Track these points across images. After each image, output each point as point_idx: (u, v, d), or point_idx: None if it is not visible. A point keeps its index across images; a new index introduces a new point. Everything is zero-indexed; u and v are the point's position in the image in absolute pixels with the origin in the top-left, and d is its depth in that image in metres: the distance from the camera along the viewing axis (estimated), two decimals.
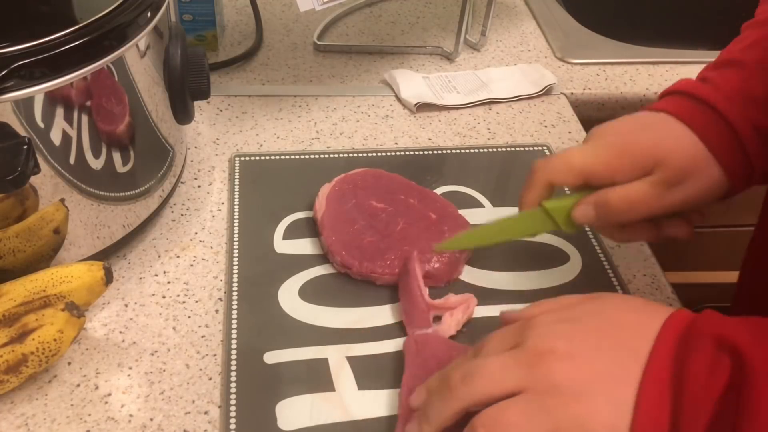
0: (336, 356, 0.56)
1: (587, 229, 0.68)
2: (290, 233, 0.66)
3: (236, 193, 0.69)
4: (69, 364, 0.55)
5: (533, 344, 0.42)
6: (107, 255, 0.62)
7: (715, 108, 0.52)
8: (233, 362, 0.55)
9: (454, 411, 0.43)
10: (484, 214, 0.69)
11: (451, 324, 0.57)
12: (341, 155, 0.75)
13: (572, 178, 0.53)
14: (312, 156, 0.75)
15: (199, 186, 0.71)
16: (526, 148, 0.78)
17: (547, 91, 0.87)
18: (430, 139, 0.79)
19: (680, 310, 0.42)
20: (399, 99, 0.84)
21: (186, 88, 0.63)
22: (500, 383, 0.41)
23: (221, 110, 0.81)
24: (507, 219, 0.56)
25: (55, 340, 0.51)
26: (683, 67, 0.93)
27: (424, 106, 0.83)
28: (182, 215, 0.68)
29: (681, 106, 0.53)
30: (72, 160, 0.55)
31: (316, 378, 0.54)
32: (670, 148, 0.51)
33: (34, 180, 0.52)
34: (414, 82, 0.86)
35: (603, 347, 0.41)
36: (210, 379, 0.55)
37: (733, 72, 0.54)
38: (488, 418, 0.41)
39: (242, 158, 0.73)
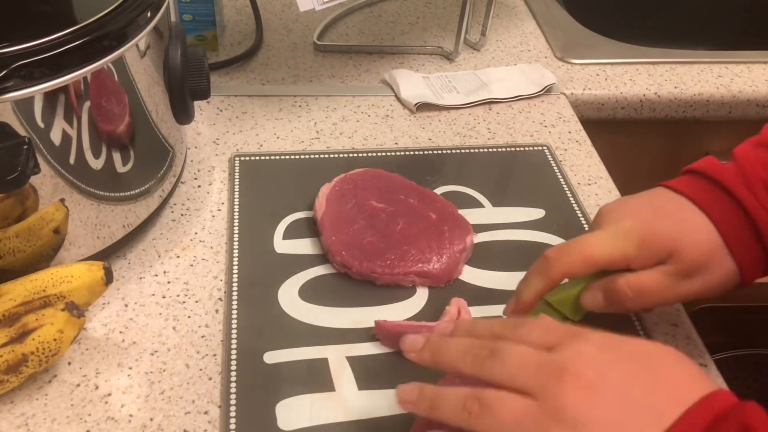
0: (336, 356, 0.56)
1: (587, 229, 0.68)
2: (290, 233, 0.66)
3: (236, 193, 0.69)
4: (69, 364, 0.55)
5: (565, 358, 0.40)
6: (107, 255, 0.62)
7: (735, 196, 0.50)
8: (233, 362, 0.55)
9: (464, 374, 0.43)
10: (484, 214, 0.69)
11: None
12: (341, 155, 0.75)
13: (590, 271, 0.51)
14: (312, 156, 0.75)
15: (199, 186, 0.71)
16: (526, 148, 0.78)
17: (547, 91, 0.87)
18: (430, 139, 0.79)
19: (725, 392, 0.39)
20: (399, 99, 0.84)
21: (186, 88, 0.63)
22: (513, 380, 0.40)
23: (221, 110, 0.81)
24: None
25: (55, 340, 0.51)
26: (683, 67, 0.93)
27: (424, 106, 0.83)
28: (182, 215, 0.68)
29: (701, 191, 0.52)
30: (72, 160, 0.55)
31: (317, 378, 0.54)
32: (686, 240, 0.50)
33: (34, 180, 0.52)
34: (414, 82, 0.86)
35: (630, 395, 0.39)
36: (210, 379, 0.55)
37: (764, 155, 0.52)
38: (487, 400, 0.40)
39: (242, 158, 0.73)
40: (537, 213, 0.70)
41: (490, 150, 0.77)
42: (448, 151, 0.77)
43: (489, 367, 0.41)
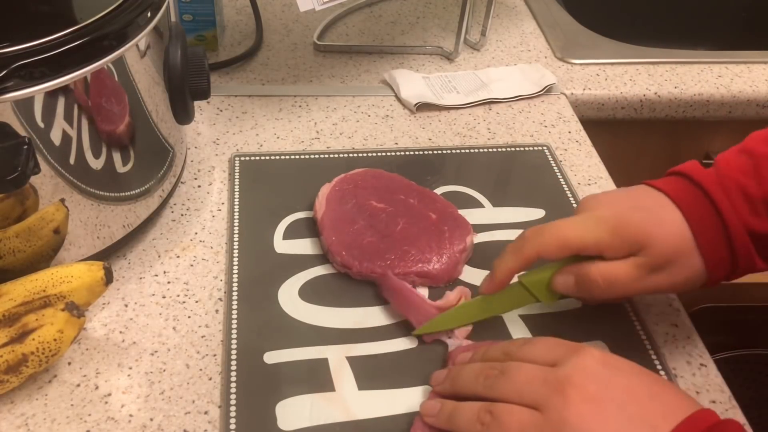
0: (336, 356, 0.56)
1: None
2: (290, 233, 0.66)
3: (236, 193, 0.69)
4: (69, 364, 0.55)
5: (568, 372, 0.44)
6: (107, 255, 0.62)
7: (711, 198, 0.52)
8: (233, 362, 0.55)
9: (480, 395, 0.47)
10: (484, 214, 0.69)
11: None
12: (341, 155, 0.75)
13: (563, 253, 0.53)
14: (312, 156, 0.75)
15: (199, 186, 0.71)
16: (526, 148, 0.78)
17: (547, 91, 0.87)
18: (430, 139, 0.79)
19: (708, 410, 0.43)
20: (399, 99, 0.84)
21: (186, 88, 0.63)
22: (520, 395, 0.44)
23: (221, 110, 0.81)
24: (484, 299, 0.56)
25: (55, 340, 0.51)
26: (683, 67, 0.93)
27: (424, 106, 0.83)
28: (182, 215, 0.68)
29: (680, 190, 0.53)
30: (72, 160, 0.55)
31: (316, 378, 0.54)
32: (658, 233, 0.51)
33: (34, 180, 0.52)
34: (414, 82, 0.86)
35: (628, 408, 0.42)
36: (210, 379, 0.55)
37: (744, 161, 0.54)
38: (497, 412, 0.44)
39: (242, 158, 0.73)
40: (537, 213, 0.70)
41: (490, 150, 0.77)
42: (448, 151, 0.77)
43: (499, 386, 0.46)
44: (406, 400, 0.53)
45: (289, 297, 0.60)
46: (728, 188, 0.52)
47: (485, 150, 0.77)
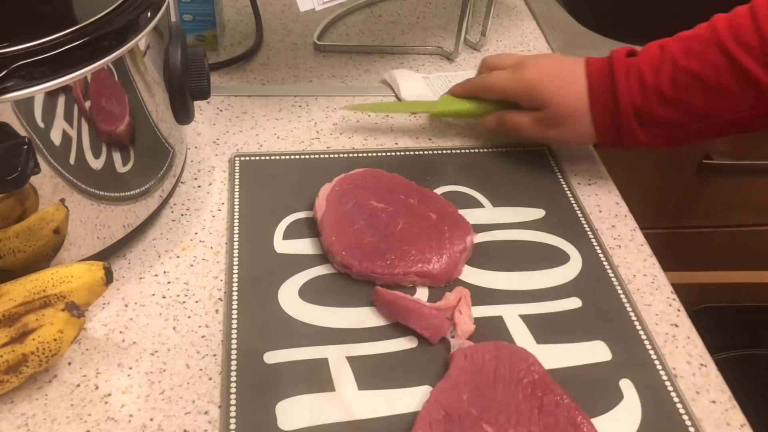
0: (336, 356, 0.56)
1: (587, 229, 0.68)
2: (290, 233, 0.66)
3: (236, 193, 0.69)
4: (69, 364, 0.55)
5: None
6: (107, 255, 0.62)
7: (614, 81, 0.67)
8: (233, 362, 0.55)
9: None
10: (484, 214, 0.69)
11: (466, 321, 0.58)
12: (341, 155, 0.75)
13: (493, 96, 0.75)
14: (312, 156, 0.75)
15: (199, 186, 0.71)
16: (526, 148, 0.78)
17: None
18: (430, 139, 0.79)
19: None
20: (399, 99, 0.84)
21: (186, 88, 0.63)
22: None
23: (221, 110, 0.81)
24: (452, 101, 0.78)
25: (55, 340, 0.51)
26: None
27: None
28: (182, 215, 0.68)
29: (598, 70, 0.69)
30: (72, 160, 0.55)
31: (316, 378, 0.54)
32: (559, 98, 0.69)
33: (34, 180, 0.52)
34: (414, 82, 0.86)
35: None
36: (210, 379, 0.55)
37: (655, 55, 0.66)
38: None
39: (242, 158, 0.73)
40: (537, 213, 0.70)
41: (490, 150, 0.77)
42: (448, 151, 0.77)
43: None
44: (406, 400, 0.53)
45: (289, 297, 0.60)
46: (630, 75, 0.66)
47: (485, 150, 0.77)
